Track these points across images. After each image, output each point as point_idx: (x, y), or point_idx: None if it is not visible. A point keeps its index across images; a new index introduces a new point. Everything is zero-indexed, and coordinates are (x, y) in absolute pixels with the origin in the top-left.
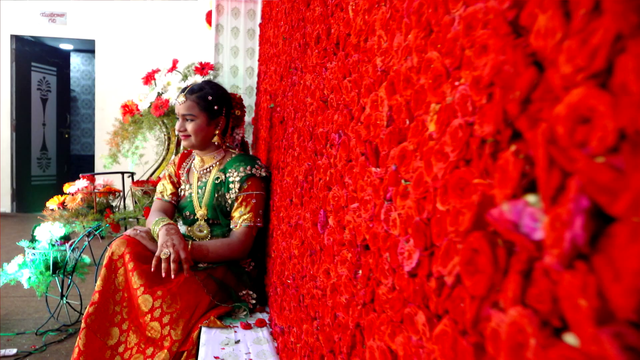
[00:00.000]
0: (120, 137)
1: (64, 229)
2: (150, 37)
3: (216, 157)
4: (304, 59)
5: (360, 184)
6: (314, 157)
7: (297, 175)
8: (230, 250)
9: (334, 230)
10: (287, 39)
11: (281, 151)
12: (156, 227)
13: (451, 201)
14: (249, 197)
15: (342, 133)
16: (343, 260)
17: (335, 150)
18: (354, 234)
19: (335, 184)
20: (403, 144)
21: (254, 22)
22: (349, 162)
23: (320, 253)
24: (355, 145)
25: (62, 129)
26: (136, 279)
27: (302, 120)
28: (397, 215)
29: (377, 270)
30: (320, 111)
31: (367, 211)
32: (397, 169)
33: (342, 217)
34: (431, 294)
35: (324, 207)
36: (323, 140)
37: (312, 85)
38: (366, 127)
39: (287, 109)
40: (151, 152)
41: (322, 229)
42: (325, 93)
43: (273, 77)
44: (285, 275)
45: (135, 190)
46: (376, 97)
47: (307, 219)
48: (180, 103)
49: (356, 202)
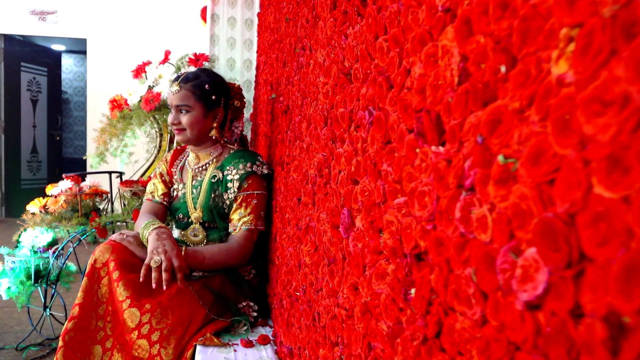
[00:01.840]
0: (108, 134)
1: (50, 234)
2: (143, 36)
3: (213, 154)
4: (313, 35)
5: (408, 172)
6: (330, 145)
7: (307, 170)
8: (229, 256)
9: (363, 234)
10: (292, 20)
11: (285, 145)
12: (146, 231)
13: (633, 182)
14: (250, 197)
15: (373, 109)
16: (381, 273)
17: (364, 132)
18: (398, 238)
19: (364, 174)
20: (494, 103)
21: (252, 11)
22: (387, 145)
23: (344, 263)
24: (398, 121)
25: (53, 131)
26: (122, 290)
27: (313, 105)
28: (486, 210)
29: (447, 293)
30: (339, 89)
31: (424, 207)
32: (486, 141)
33: (377, 216)
34: (590, 344)
35: (348, 205)
36: (344, 122)
37: (326, 62)
38: (419, 93)
39: (293, 96)
40: (141, 150)
41: (346, 233)
42: (346, 65)
43: (274, 66)
44: (293, 287)
45: (124, 191)
46: (434, 49)
47: (323, 220)
48: (173, 93)
49: (401, 196)
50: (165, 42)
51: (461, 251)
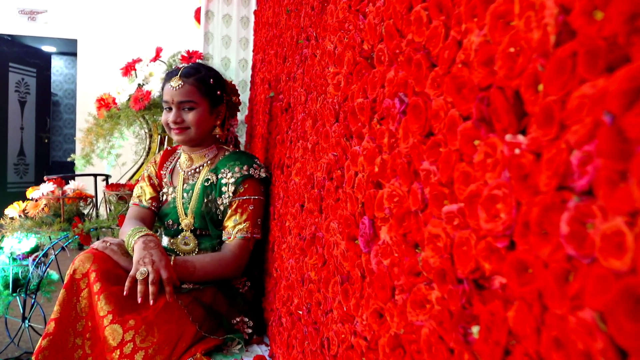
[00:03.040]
0: (95, 134)
1: (33, 240)
2: (135, 37)
3: (208, 155)
4: (321, 23)
5: (463, 171)
6: (343, 143)
7: (313, 173)
8: (222, 267)
9: (391, 248)
10: (293, 11)
11: (286, 146)
12: (131, 239)
13: None
14: (246, 202)
15: (405, 96)
16: (420, 301)
17: (392, 124)
18: (448, 257)
19: (392, 176)
20: (630, 66)
21: (248, 9)
22: (428, 138)
23: (363, 282)
24: (446, 106)
25: (41, 134)
26: (103, 304)
27: (320, 99)
28: (623, 225)
29: (543, 342)
30: (355, 77)
31: (496, 218)
32: (618, 121)
33: (412, 228)
34: None
35: (369, 214)
36: (364, 115)
37: (337, 48)
38: (483, 66)
39: (295, 92)
40: (129, 151)
41: (367, 246)
42: (365, 48)
43: (273, 62)
44: (295, 304)
45: (109, 195)
46: (506, 5)
47: (334, 230)
48: (175, 88)
49: (451, 203)
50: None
51: (565, 282)
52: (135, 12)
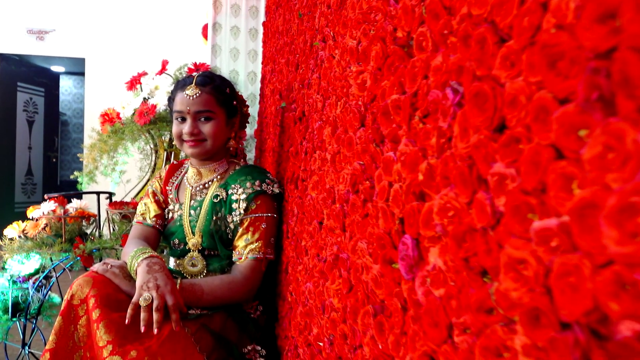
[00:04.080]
0: (98, 150)
1: (37, 262)
2: (142, 56)
3: (218, 170)
4: (340, 20)
5: (562, 172)
6: (372, 149)
7: (333, 186)
8: (232, 290)
9: (444, 276)
10: (306, 14)
11: (300, 158)
12: (134, 262)
13: None
14: (258, 220)
15: (459, 84)
16: (494, 348)
17: (444, 121)
18: (544, 292)
19: (443, 185)
20: None
21: (256, 20)
22: (498, 133)
23: (404, 316)
24: (528, 88)
25: (49, 153)
26: (103, 333)
27: (340, 104)
28: None
29: None
30: (386, 72)
31: (633, 238)
32: None
33: (478, 249)
34: None
35: (412, 232)
36: (400, 113)
37: (361, 43)
38: (598, 22)
39: (310, 99)
40: (134, 168)
41: (410, 272)
42: (400, 35)
43: (284, 71)
44: (314, 334)
45: (113, 213)
46: None
47: (362, 250)
48: (191, 97)
49: (545, 218)
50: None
51: None
52: (142, 30)
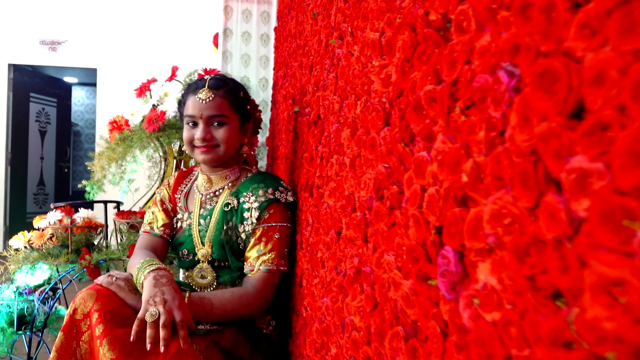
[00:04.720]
0: (107, 158)
1: (46, 273)
2: (154, 64)
3: (229, 177)
4: (359, 14)
5: None
6: (400, 149)
7: (353, 192)
8: (244, 304)
9: (499, 297)
10: (321, 13)
11: (315, 164)
12: (141, 274)
13: None
14: (271, 230)
15: (514, 66)
16: None
17: (496, 110)
18: None
19: (495, 187)
20: None
21: (268, 26)
22: (575, 120)
23: (444, 342)
24: (620, 60)
25: (61, 163)
26: (106, 350)
27: (361, 103)
28: None
29: None
30: (417, 61)
31: None
32: None
33: (548, 265)
34: None
35: (453, 243)
36: (437, 106)
37: (385, 34)
38: None
39: (326, 101)
40: (143, 176)
41: (452, 290)
42: (433, 19)
43: (297, 75)
44: (332, 354)
45: (120, 223)
46: None
47: (389, 264)
48: (204, 100)
49: None
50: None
51: None
52: (154, 40)
